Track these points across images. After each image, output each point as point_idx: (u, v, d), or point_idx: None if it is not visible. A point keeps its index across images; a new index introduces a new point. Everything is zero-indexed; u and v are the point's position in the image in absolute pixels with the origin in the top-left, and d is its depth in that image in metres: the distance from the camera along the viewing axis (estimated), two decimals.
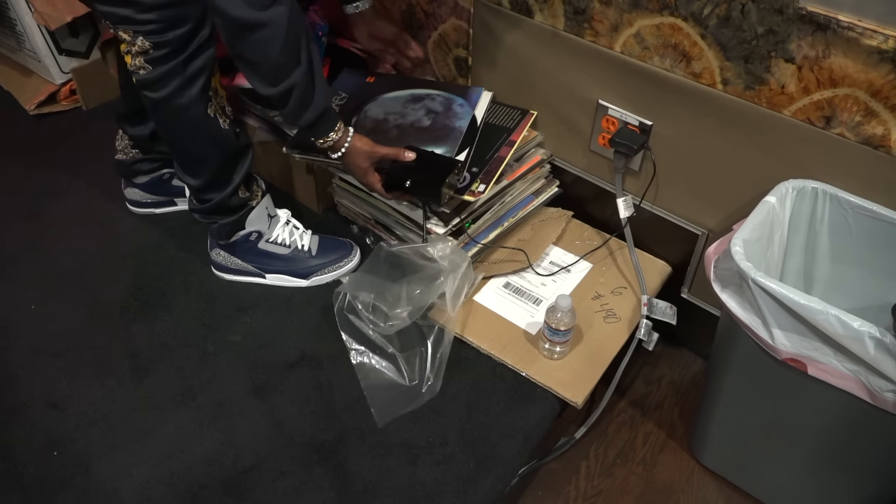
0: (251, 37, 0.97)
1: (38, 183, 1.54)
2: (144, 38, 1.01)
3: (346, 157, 1.16)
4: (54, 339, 1.23)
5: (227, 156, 1.17)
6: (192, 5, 1.02)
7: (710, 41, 1.05)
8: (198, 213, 1.25)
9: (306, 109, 1.06)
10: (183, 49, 1.03)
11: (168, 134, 1.16)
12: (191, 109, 1.08)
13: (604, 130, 1.27)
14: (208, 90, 1.09)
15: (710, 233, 1.24)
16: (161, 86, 1.05)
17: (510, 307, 1.26)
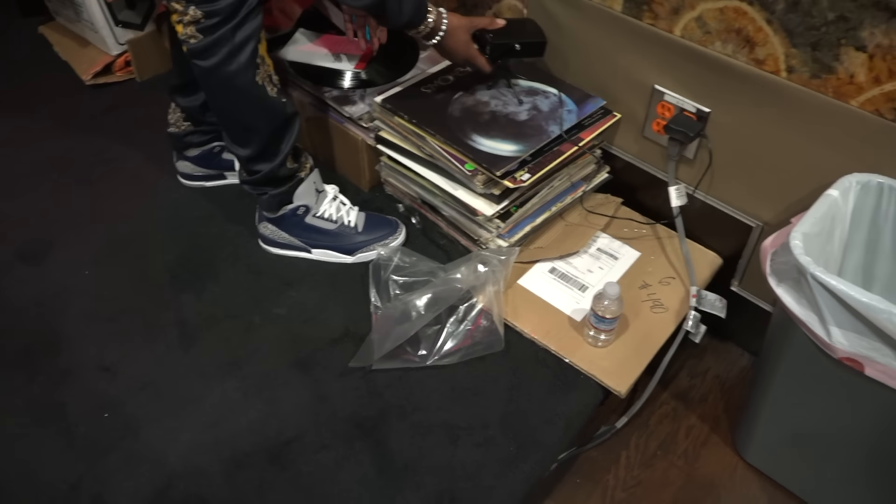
0: None
1: (92, 152, 1.57)
2: (197, 7, 1.02)
3: (446, 38, 1.19)
4: (106, 304, 1.26)
5: (275, 124, 1.18)
6: None
7: (776, 27, 1.02)
8: (248, 184, 1.26)
9: (404, 4, 1.09)
10: (232, 17, 1.05)
11: (218, 103, 1.17)
12: (239, 77, 1.10)
13: (658, 116, 1.24)
14: (256, 58, 1.10)
15: (765, 225, 1.21)
16: (211, 54, 1.07)
17: (555, 292, 1.25)
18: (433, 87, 1.34)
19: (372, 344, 1.15)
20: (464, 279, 1.17)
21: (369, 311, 1.22)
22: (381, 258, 1.25)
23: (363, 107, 1.37)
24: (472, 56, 1.23)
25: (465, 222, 1.28)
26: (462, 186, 1.24)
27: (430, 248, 1.36)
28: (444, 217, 1.32)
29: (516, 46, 1.24)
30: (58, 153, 1.58)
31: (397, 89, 1.34)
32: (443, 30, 1.18)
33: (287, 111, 1.19)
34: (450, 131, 1.24)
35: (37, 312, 1.24)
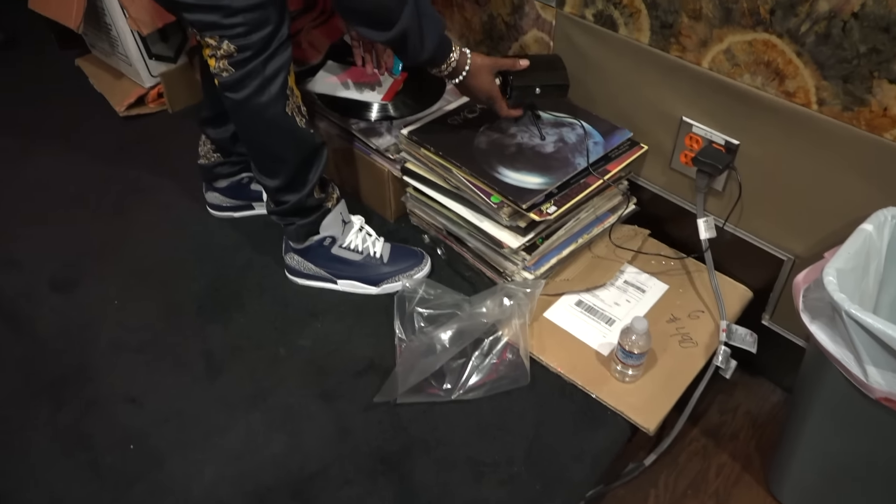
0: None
1: (125, 182, 1.60)
2: (230, 41, 1.04)
3: (469, 78, 1.18)
4: (134, 335, 1.27)
5: (304, 154, 1.19)
6: (275, 7, 1.05)
7: (806, 59, 1.01)
8: (275, 214, 1.28)
9: (425, 41, 1.08)
10: (264, 50, 1.06)
11: (248, 134, 1.19)
12: (270, 108, 1.11)
13: (686, 148, 1.23)
14: (286, 89, 1.12)
15: (797, 259, 1.19)
16: (242, 86, 1.08)
17: (582, 326, 1.23)
18: (459, 119, 1.35)
19: (396, 378, 1.14)
20: (489, 313, 1.16)
21: (394, 344, 1.22)
22: (405, 290, 1.24)
23: (390, 139, 1.38)
24: (494, 97, 1.22)
25: (491, 254, 1.27)
26: (488, 218, 1.24)
27: (456, 279, 1.35)
28: (469, 249, 1.32)
29: (537, 90, 1.23)
30: (91, 183, 1.61)
31: (424, 121, 1.35)
32: (466, 69, 1.17)
33: (315, 142, 1.21)
34: (476, 163, 1.24)
35: (66, 342, 1.26)
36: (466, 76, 1.17)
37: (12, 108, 1.84)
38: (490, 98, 1.22)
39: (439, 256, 1.39)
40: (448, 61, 1.14)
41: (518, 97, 1.26)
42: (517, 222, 1.20)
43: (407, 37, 1.05)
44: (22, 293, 1.35)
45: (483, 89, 1.21)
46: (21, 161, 1.67)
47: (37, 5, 1.67)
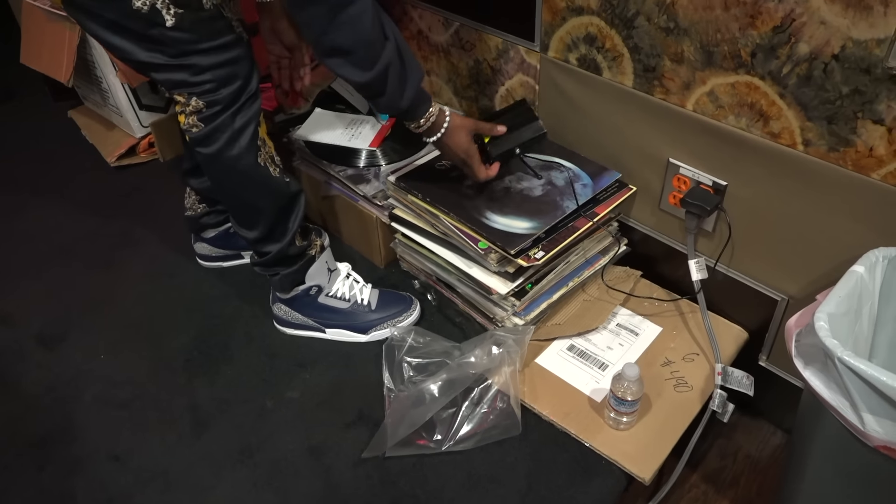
0: (343, 17, 0.96)
1: (115, 233, 1.60)
2: (198, 98, 1.05)
3: (447, 137, 1.16)
4: (120, 390, 1.25)
5: (280, 203, 1.19)
6: (243, 62, 1.06)
7: (789, 101, 1.00)
8: (259, 266, 1.27)
9: (405, 85, 1.07)
10: (233, 104, 1.07)
11: (223, 187, 1.19)
12: (242, 160, 1.11)
13: (675, 189, 1.22)
14: (256, 140, 1.12)
15: (790, 299, 1.17)
16: (212, 140, 1.09)
17: (574, 371, 1.21)
18: (448, 164, 1.34)
19: (386, 430, 1.12)
20: (478, 363, 1.14)
21: (383, 394, 1.19)
22: (394, 339, 1.23)
23: (377, 185, 1.38)
24: (471, 157, 1.19)
25: (481, 300, 1.26)
26: (476, 264, 1.23)
27: (446, 325, 1.33)
28: (459, 294, 1.31)
29: (517, 150, 1.23)
30: (82, 234, 1.60)
31: (411, 167, 1.35)
32: (444, 127, 1.15)
33: (291, 190, 1.20)
34: (463, 209, 1.23)
35: (51, 399, 1.24)
36: (444, 135, 1.16)
37: (5, 162, 1.84)
38: (467, 159, 1.19)
39: (429, 302, 1.37)
40: (427, 116, 1.13)
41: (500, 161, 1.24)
42: (505, 268, 1.19)
43: (387, 78, 1.04)
44: (10, 348, 1.34)
45: (461, 149, 1.18)
46: (13, 215, 1.67)
47: (29, 60, 1.69)
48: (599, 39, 1.18)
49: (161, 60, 1.02)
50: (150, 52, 1.01)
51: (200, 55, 1.02)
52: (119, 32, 1.00)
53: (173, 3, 0.97)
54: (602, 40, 1.18)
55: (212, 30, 1.02)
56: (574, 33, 1.22)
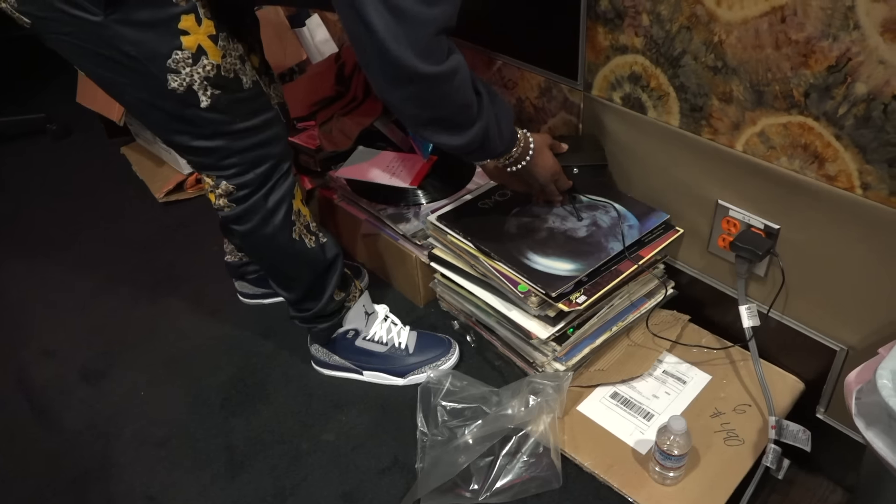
0: (445, 88, 0.90)
1: (160, 268, 1.62)
2: (227, 181, 1.03)
3: (535, 159, 1.11)
4: (158, 428, 1.26)
5: (317, 272, 1.18)
6: (275, 143, 1.04)
7: (846, 142, 0.95)
8: (297, 320, 1.27)
9: (501, 133, 1.02)
10: (263, 185, 1.05)
11: (258, 260, 1.19)
12: (276, 238, 1.10)
13: (724, 232, 1.17)
14: (290, 216, 1.10)
15: (850, 350, 1.10)
16: (246, 220, 1.07)
17: (617, 420, 1.16)
18: (490, 203, 1.32)
19: (419, 477, 1.09)
20: (514, 414, 1.10)
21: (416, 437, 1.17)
22: (430, 382, 1.20)
23: (417, 224, 1.37)
24: (558, 175, 1.15)
25: (520, 344, 1.22)
26: (516, 307, 1.20)
27: (485, 368, 1.30)
28: (499, 337, 1.27)
29: (575, 170, 1.21)
30: (128, 269, 1.63)
31: (453, 205, 1.33)
32: (531, 151, 1.09)
33: (327, 258, 1.18)
34: (505, 249, 1.20)
35: (90, 436, 1.25)
36: (531, 158, 1.10)
37: (61, 197, 1.90)
38: (555, 175, 1.15)
39: (469, 343, 1.35)
40: (518, 145, 1.08)
41: None
42: (546, 311, 1.15)
43: (488, 131, 0.98)
44: (53, 384, 1.36)
45: (548, 169, 1.14)
46: (65, 249, 1.71)
47: (84, 100, 1.75)
48: (644, 78, 1.15)
49: (190, 142, 0.99)
50: (180, 134, 0.98)
51: (231, 137, 0.99)
52: (148, 110, 0.96)
53: (211, 85, 0.94)
54: (647, 79, 1.15)
55: (249, 110, 1.00)
56: (618, 72, 1.19)
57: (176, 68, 0.91)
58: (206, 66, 0.93)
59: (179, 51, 0.90)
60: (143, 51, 0.89)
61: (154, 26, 0.88)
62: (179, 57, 0.90)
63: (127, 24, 0.87)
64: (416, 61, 0.84)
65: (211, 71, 0.94)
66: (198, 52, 0.92)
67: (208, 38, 0.92)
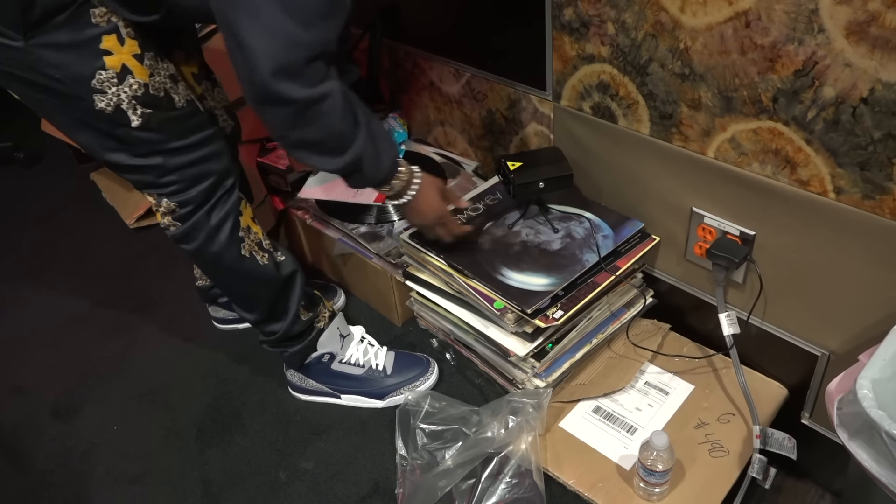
0: (312, 113, 0.89)
1: (132, 297, 1.59)
2: (168, 199, 1.01)
3: (420, 196, 1.07)
4: (132, 464, 1.22)
5: (274, 290, 1.16)
6: (216, 159, 1.03)
7: (817, 146, 0.93)
8: (266, 344, 1.24)
9: (380, 163, 1.00)
10: (206, 202, 1.04)
11: (213, 279, 1.17)
12: (224, 255, 1.08)
13: (700, 239, 1.15)
14: (237, 232, 1.08)
15: (831, 354, 1.08)
16: (191, 238, 1.06)
17: (601, 436, 1.14)
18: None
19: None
20: (494, 437, 1.08)
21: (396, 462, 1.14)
22: (409, 404, 1.17)
23: (391, 242, 1.34)
24: (444, 216, 1.12)
25: (499, 361, 1.20)
26: (493, 324, 1.17)
27: (465, 386, 1.28)
28: (478, 354, 1.25)
29: (541, 184, 1.19)
30: (101, 298, 1.60)
31: None
32: (416, 185, 1.06)
33: (283, 273, 1.16)
34: (479, 266, 1.18)
35: (63, 475, 1.22)
36: (416, 196, 1.06)
37: (30, 226, 1.87)
38: (440, 219, 1.13)
39: (448, 362, 1.32)
40: (399, 179, 1.04)
41: (521, 194, 1.21)
42: (523, 328, 1.13)
43: (361, 161, 0.96)
44: (23, 423, 1.32)
45: (433, 209, 1.10)
46: (33, 281, 1.68)
47: (48, 128, 1.71)
48: (613, 87, 1.14)
49: (126, 160, 0.98)
50: (115, 153, 0.97)
51: (167, 155, 0.98)
52: (82, 130, 0.95)
53: (140, 104, 0.94)
54: (616, 88, 1.13)
55: (183, 128, 0.99)
56: (586, 81, 1.17)
57: (101, 88, 0.91)
58: (132, 84, 0.93)
59: (103, 70, 0.90)
60: (67, 73, 0.89)
61: (76, 48, 0.88)
62: (104, 77, 0.91)
63: (48, 47, 0.87)
64: (285, 85, 0.84)
65: (138, 90, 0.93)
66: (123, 72, 0.92)
67: (133, 58, 0.92)
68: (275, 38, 0.82)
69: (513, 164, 1.21)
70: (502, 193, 1.33)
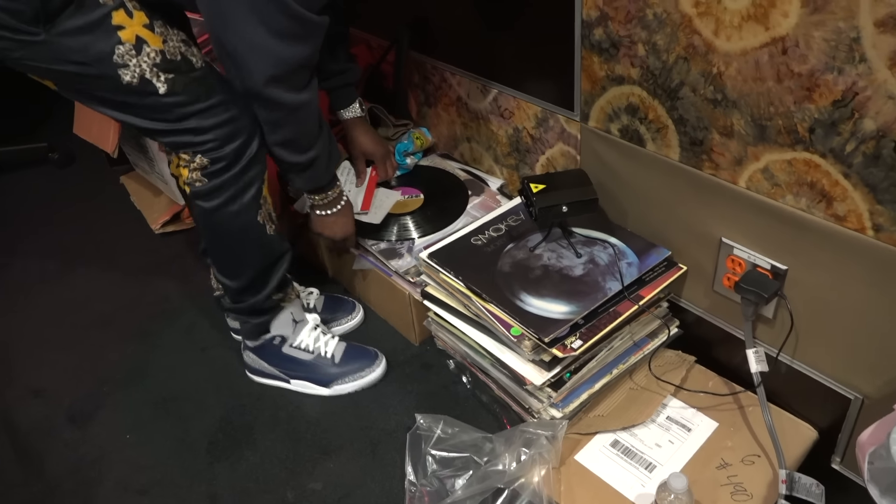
0: (295, 116, 1.05)
1: (153, 302, 1.59)
2: (203, 155, 1.05)
3: (339, 213, 1.24)
4: (142, 474, 1.21)
5: (269, 260, 1.20)
6: (244, 119, 1.07)
7: (855, 181, 0.88)
8: (232, 311, 1.29)
9: (331, 166, 1.17)
10: (238, 161, 1.07)
11: (215, 239, 1.19)
12: (241, 216, 1.12)
13: (729, 271, 1.11)
14: (259, 198, 1.13)
15: (865, 399, 1.03)
16: (216, 195, 1.09)
17: (617, 472, 1.09)
18: (484, 239, 1.27)
19: None
20: (505, 471, 1.04)
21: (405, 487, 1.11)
22: (420, 428, 1.15)
23: (410, 260, 1.32)
24: (350, 239, 1.31)
25: (515, 388, 1.16)
26: (510, 350, 1.14)
27: (480, 412, 1.25)
28: (494, 380, 1.22)
29: (564, 208, 1.16)
30: (121, 303, 1.60)
31: (446, 241, 1.28)
32: (340, 205, 1.24)
33: (282, 248, 1.22)
34: (497, 289, 1.15)
35: (73, 482, 1.21)
36: (338, 211, 1.24)
37: (60, 228, 1.89)
38: (346, 240, 1.31)
39: (464, 384, 1.29)
40: (335, 188, 1.21)
41: (544, 218, 1.18)
42: (541, 356, 1.09)
43: (318, 159, 1.12)
44: (39, 426, 1.33)
45: (347, 228, 1.28)
46: (58, 283, 1.69)
47: (80, 131, 1.73)
48: (642, 110, 1.10)
49: (163, 126, 1.03)
50: (151, 121, 1.02)
51: (199, 116, 1.03)
52: (117, 107, 1.01)
53: (162, 70, 0.99)
54: (645, 111, 1.09)
55: (208, 87, 1.04)
56: (615, 103, 1.14)
57: (123, 62, 0.96)
58: (149, 53, 0.98)
59: (120, 45, 0.96)
60: (90, 55, 0.95)
61: (91, 29, 0.94)
62: (122, 51, 0.96)
63: (67, 34, 0.93)
64: (275, 91, 0.98)
65: (156, 57, 0.99)
66: (138, 43, 0.97)
67: (143, 28, 0.98)
68: (264, 55, 0.95)
69: (536, 186, 1.18)
70: (525, 214, 1.30)
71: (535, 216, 1.18)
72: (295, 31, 0.94)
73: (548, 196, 1.17)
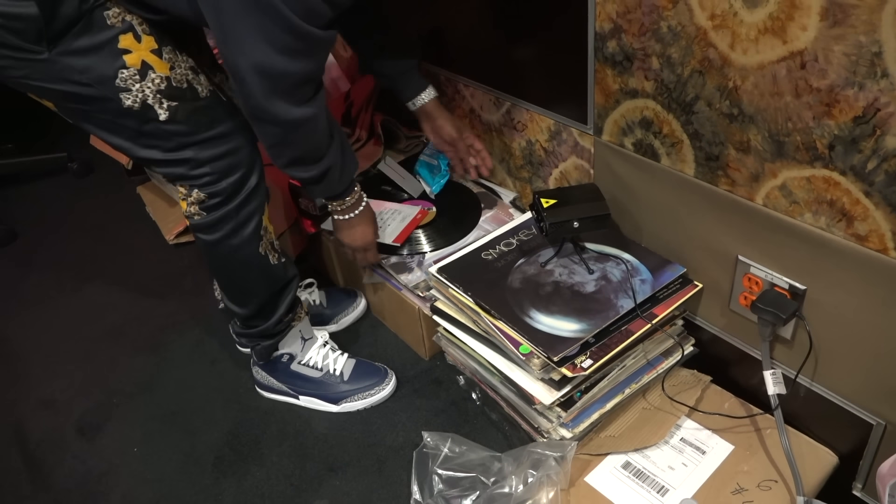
0: (300, 131, 1.01)
1: (165, 314, 1.59)
2: (200, 189, 1.04)
3: (357, 219, 1.21)
4: (148, 489, 1.21)
5: (275, 288, 1.19)
6: (243, 152, 1.06)
7: (876, 200, 0.85)
8: (242, 336, 1.28)
9: (345, 175, 1.14)
10: (236, 195, 1.07)
11: (219, 270, 1.19)
12: (243, 249, 1.12)
13: (746, 290, 1.07)
14: (260, 230, 1.12)
15: (888, 424, 0.99)
16: (216, 229, 1.09)
17: (628, 494, 1.06)
18: (495, 253, 1.25)
19: None
20: (511, 493, 1.02)
21: None
22: (427, 446, 1.13)
23: (420, 274, 1.30)
24: (370, 248, 1.27)
25: (524, 407, 1.14)
26: (519, 368, 1.12)
27: (489, 430, 1.23)
28: (503, 398, 1.19)
29: (575, 224, 1.14)
30: (133, 315, 1.61)
31: (456, 255, 1.26)
32: (359, 210, 1.20)
33: (287, 276, 1.21)
34: (507, 306, 1.13)
35: (80, 496, 1.21)
36: (357, 216, 1.20)
37: (76, 238, 1.90)
38: (366, 245, 1.26)
39: (474, 401, 1.27)
40: (353, 197, 1.18)
41: (554, 233, 1.16)
42: (550, 375, 1.07)
43: (330, 171, 1.09)
44: (48, 438, 1.33)
45: (367, 234, 1.24)
46: (72, 294, 1.70)
47: (96, 142, 1.74)
48: (656, 124, 1.07)
49: (159, 156, 1.02)
50: (148, 149, 1.01)
51: (197, 147, 1.02)
52: (115, 132, 1.00)
53: (166, 97, 0.98)
54: (659, 125, 1.07)
55: (210, 118, 1.03)
56: (629, 117, 1.11)
57: (126, 86, 0.95)
58: (154, 79, 0.97)
59: (125, 69, 0.95)
60: (93, 76, 0.94)
61: (96, 51, 0.93)
62: (126, 75, 0.95)
63: (71, 54, 0.92)
64: (278, 105, 0.96)
65: (161, 84, 0.98)
66: (143, 68, 0.96)
67: (151, 53, 0.97)
68: (268, 71, 0.93)
69: (547, 202, 1.16)
70: (537, 229, 1.27)
71: (545, 232, 1.16)
72: (298, 47, 0.93)
73: (559, 211, 1.15)
